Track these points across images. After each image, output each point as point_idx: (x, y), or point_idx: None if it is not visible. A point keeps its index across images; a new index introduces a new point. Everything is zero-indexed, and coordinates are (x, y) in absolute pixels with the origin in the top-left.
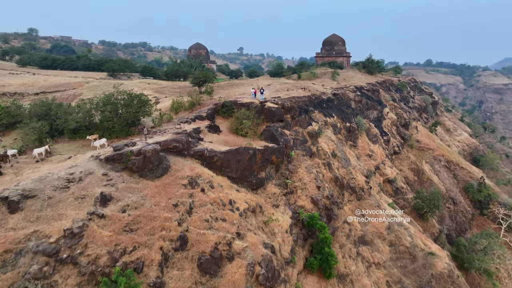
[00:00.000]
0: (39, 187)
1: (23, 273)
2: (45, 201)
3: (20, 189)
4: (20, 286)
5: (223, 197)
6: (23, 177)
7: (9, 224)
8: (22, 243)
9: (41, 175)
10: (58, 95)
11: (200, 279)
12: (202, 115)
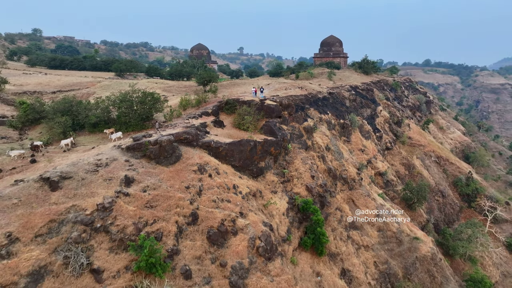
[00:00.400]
0: (73, 170)
1: (65, 238)
2: (79, 182)
3: (59, 172)
4: (63, 249)
5: (227, 182)
6: (55, 163)
7: (52, 199)
8: (63, 214)
9: (73, 161)
10: (73, 93)
11: (209, 249)
12: (208, 111)
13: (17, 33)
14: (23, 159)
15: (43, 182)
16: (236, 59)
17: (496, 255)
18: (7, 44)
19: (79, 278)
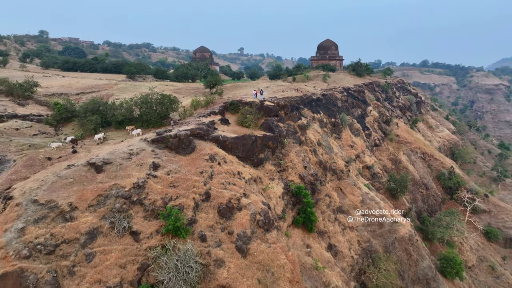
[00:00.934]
0: (112, 157)
1: (110, 208)
2: (118, 166)
3: (101, 158)
4: (109, 216)
5: (233, 169)
6: (93, 153)
7: (98, 179)
8: (108, 190)
9: (110, 151)
10: (94, 95)
11: (219, 220)
12: (215, 111)
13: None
14: (65, 149)
15: (90, 166)
16: (236, 59)
17: (474, 241)
18: (18, 46)
19: (122, 238)
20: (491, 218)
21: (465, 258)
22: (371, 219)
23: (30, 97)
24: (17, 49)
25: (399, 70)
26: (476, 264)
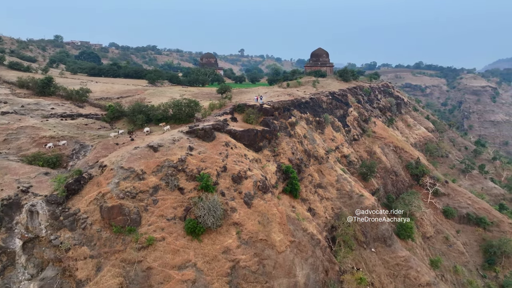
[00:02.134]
0: (162, 142)
1: (165, 173)
2: (167, 148)
3: (156, 143)
4: (165, 178)
5: (241, 152)
6: (147, 140)
7: (155, 156)
8: (162, 162)
9: (159, 138)
10: (130, 98)
11: (232, 184)
12: (227, 111)
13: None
14: (122, 138)
15: (149, 148)
16: (237, 61)
17: (433, 217)
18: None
19: (173, 191)
20: (449, 200)
21: (424, 230)
22: (343, 193)
23: (86, 100)
24: (40, 54)
25: (393, 72)
26: (433, 235)
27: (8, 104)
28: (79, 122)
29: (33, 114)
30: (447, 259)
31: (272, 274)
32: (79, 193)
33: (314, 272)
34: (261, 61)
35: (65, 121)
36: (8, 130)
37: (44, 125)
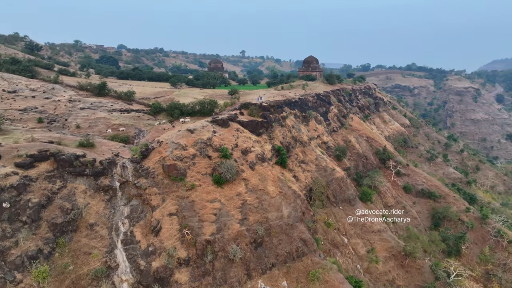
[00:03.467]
0: (195, 127)
1: (199, 147)
2: (199, 131)
3: (192, 128)
4: (198, 150)
5: (247, 135)
6: (184, 127)
7: (191, 136)
8: (197, 140)
9: (193, 125)
10: (163, 98)
11: (242, 155)
12: (236, 108)
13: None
14: (165, 125)
15: (188, 131)
16: (238, 62)
17: (395, 192)
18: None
19: (204, 158)
20: (409, 179)
21: (386, 200)
22: (320, 167)
23: (132, 99)
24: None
25: (385, 73)
26: (394, 205)
27: (82, 102)
28: (133, 115)
29: (100, 109)
30: (405, 223)
31: (267, 209)
32: (147, 157)
33: (295, 211)
34: (261, 62)
35: (124, 114)
36: (89, 120)
37: (111, 117)
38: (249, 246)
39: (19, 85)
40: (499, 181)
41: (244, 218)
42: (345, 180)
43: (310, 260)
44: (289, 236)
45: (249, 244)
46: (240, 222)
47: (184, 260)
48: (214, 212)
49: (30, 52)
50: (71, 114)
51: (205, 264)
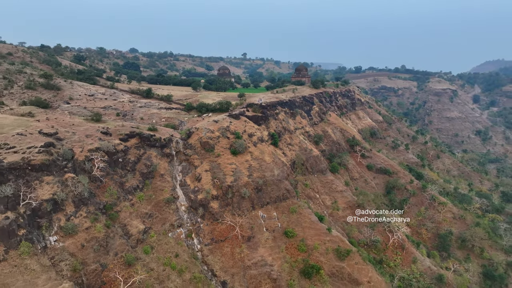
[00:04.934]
0: (218, 119)
1: (221, 131)
2: (221, 121)
3: (216, 119)
4: (222, 133)
5: (251, 125)
6: (211, 119)
7: (216, 124)
8: (220, 127)
9: (216, 118)
10: (191, 99)
11: (248, 137)
12: (244, 106)
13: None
14: (197, 118)
15: (213, 121)
16: (240, 64)
17: (360, 169)
18: (101, 63)
19: (225, 138)
20: (371, 160)
21: (352, 175)
22: (302, 148)
23: (171, 100)
24: (101, 65)
25: (373, 75)
26: (358, 178)
27: (138, 102)
28: (174, 111)
29: (152, 107)
30: (365, 193)
31: (264, 170)
32: (190, 137)
33: (282, 172)
34: (261, 64)
35: (168, 111)
36: (147, 114)
37: (161, 112)
38: (253, 190)
39: (91, 90)
40: (455, 167)
41: (250, 174)
42: (319, 157)
43: (291, 201)
44: (278, 186)
45: (253, 189)
46: (248, 176)
47: (215, 196)
48: (232, 170)
49: (78, 62)
50: (134, 111)
51: (227, 199)
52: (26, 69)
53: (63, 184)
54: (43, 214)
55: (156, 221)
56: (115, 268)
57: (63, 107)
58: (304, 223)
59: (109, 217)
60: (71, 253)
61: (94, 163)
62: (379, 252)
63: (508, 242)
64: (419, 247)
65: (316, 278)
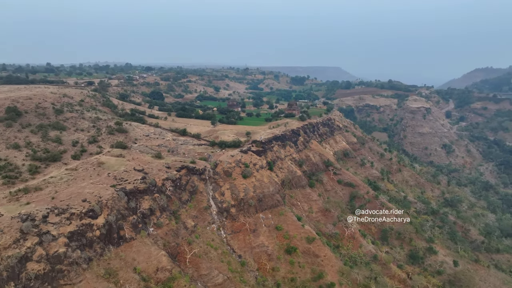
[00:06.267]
0: (233, 154)
1: (236, 163)
2: (235, 156)
3: (231, 154)
4: (236, 164)
5: (255, 157)
6: (229, 154)
7: (232, 158)
8: (234, 159)
9: (232, 153)
10: (213, 135)
11: (253, 166)
12: (250, 143)
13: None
14: (220, 152)
15: (231, 155)
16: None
17: (332, 183)
18: (134, 94)
19: (239, 168)
20: (341, 176)
21: (326, 188)
22: (290, 171)
23: (200, 137)
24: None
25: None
26: (330, 189)
27: (179, 140)
28: (203, 147)
29: (188, 145)
30: (334, 201)
31: (263, 187)
32: (216, 167)
33: (275, 189)
34: (262, 79)
35: (200, 146)
36: (187, 150)
37: (195, 148)
38: (256, 201)
39: (145, 130)
40: (412, 179)
41: (254, 191)
42: (301, 176)
43: (280, 208)
44: (272, 198)
45: (256, 200)
46: (253, 192)
47: (233, 205)
48: (243, 188)
49: (123, 99)
50: (178, 147)
51: (240, 206)
52: (99, 114)
53: (153, 200)
54: (146, 216)
55: (200, 220)
56: (183, 245)
57: (134, 147)
58: (288, 222)
59: (176, 217)
60: (161, 237)
61: (167, 187)
62: (338, 240)
63: (429, 235)
64: (366, 237)
65: (294, 254)
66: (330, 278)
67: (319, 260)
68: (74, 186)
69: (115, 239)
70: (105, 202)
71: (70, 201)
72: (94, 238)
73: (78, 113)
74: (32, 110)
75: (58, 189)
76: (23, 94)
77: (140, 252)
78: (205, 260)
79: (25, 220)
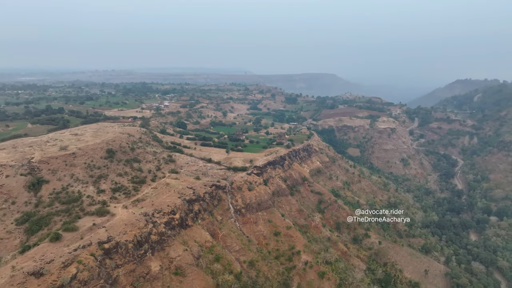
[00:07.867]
0: (242, 175)
1: (247, 184)
2: (244, 177)
3: (241, 175)
4: (246, 183)
5: (256, 177)
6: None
7: (242, 178)
8: (244, 180)
9: (241, 175)
10: (228, 161)
11: (255, 183)
12: (252, 167)
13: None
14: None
15: (241, 177)
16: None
17: (307, 192)
18: (163, 124)
19: (245, 184)
20: (313, 187)
21: (302, 195)
22: (278, 185)
23: (221, 164)
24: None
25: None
26: (305, 197)
27: (207, 166)
28: (223, 170)
29: (214, 169)
30: (307, 204)
31: (261, 196)
32: (232, 184)
33: (268, 197)
34: (260, 99)
35: (221, 170)
36: (213, 172)
37: (218, 172)
38: (257, 205)
39: (185, 159)
40: (368, 187)
41: (255, 198)
42: (285, 189)
43: (271, 209)
44: (266, 203)
45: (257, 204)
46: (254, 199)
47: (243, 207)
48: (249, 197)
49: (162, 133)
50: (208, 171)
51: (247, 208)
52: (154, 148)
53: (200, 205)
54: (196, 214)
55: (224, 216)
56: (216, 230)
57: (182, 172)
58: (276, 217)
59: (211, 215)
60: (205, 225)
61: (205, 197)
62: (307, 229)
63: (367, 225)
64: (325, 227)
65: (279, 236)
66: (298, 248)
67: (293, 239)
68: (160, 198)
69: (184, 225)
70: (178, 206)
71: (161, 206)
72: (175, 225)
73: (142, 149)
74: (118, 149)
75: (153, 200)
76: (109, 138)
77: (196, 232)
78: (229, 238)
79: (145, 215)
